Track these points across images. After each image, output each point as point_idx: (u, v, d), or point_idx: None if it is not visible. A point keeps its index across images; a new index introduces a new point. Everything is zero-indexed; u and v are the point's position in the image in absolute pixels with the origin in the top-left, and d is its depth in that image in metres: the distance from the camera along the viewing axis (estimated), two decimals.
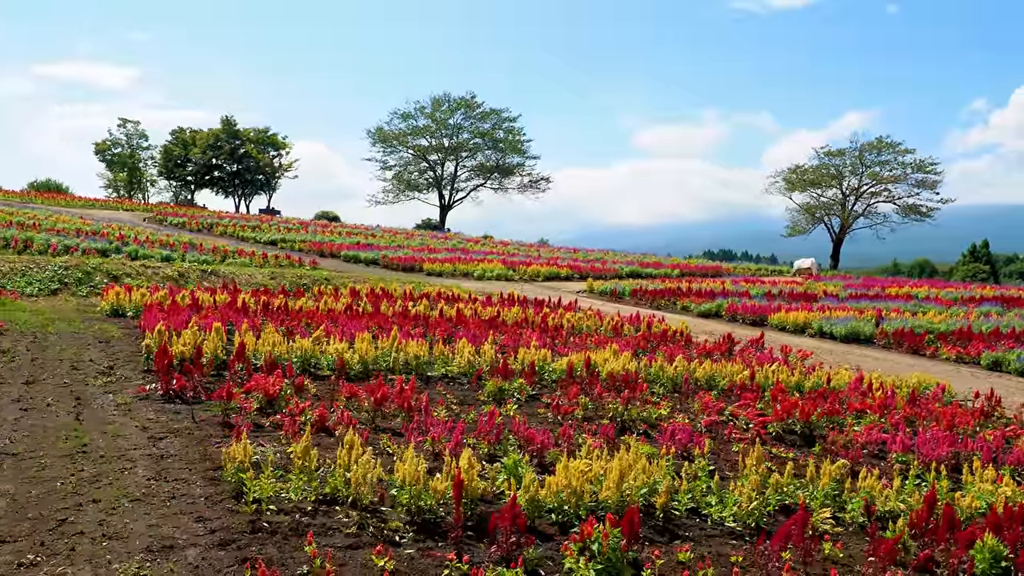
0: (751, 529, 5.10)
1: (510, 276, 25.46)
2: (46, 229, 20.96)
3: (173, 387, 7.34)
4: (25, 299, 13.25)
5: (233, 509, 4.72)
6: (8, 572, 3.80)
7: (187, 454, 5.72)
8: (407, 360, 9.07)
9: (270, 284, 17.07)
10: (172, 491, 4.98)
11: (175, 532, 4.37)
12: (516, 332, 11.81)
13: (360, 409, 7.00)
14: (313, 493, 4.91)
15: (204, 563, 4.02)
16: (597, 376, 8.96)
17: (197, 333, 8.97)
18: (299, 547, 4.25)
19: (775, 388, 8.61)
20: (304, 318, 11.62)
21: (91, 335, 10.33)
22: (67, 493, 4.82)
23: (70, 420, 6.39)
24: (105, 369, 8.36)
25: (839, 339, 16.27)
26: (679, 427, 6.51)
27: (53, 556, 4.00)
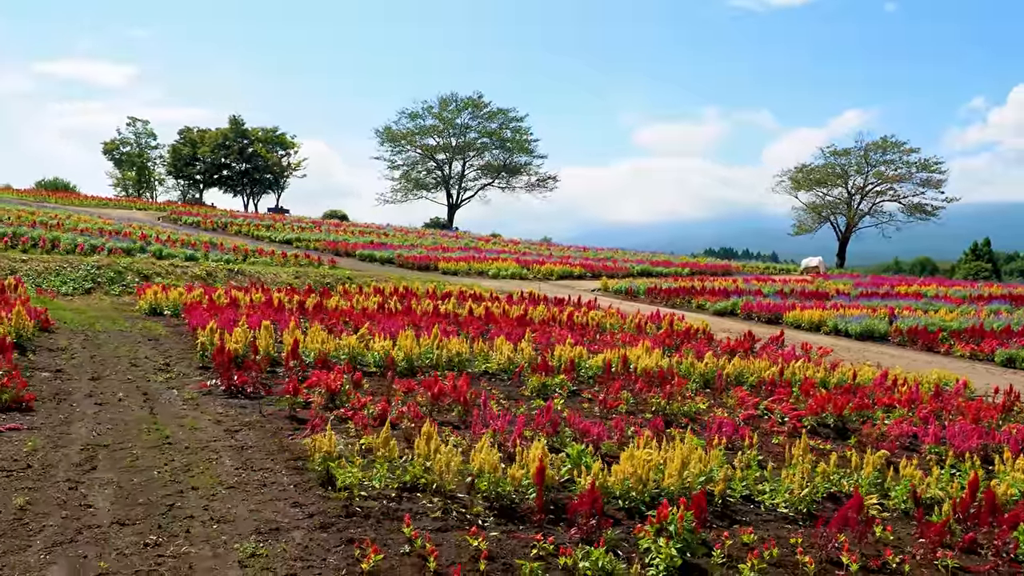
0: (803, 515, 5.42)
1: (524, 275, 25.79)
2: (69, 229, 21.28)
3: (234, 383, 7.67)
4: (61, 298, 13.58)
5: (324, 496, 5.05)
6: (136, 551, 4.13)
7: (265, 445, 6.04)
8: (449, 357, 9.40)
9: (295, 283, 17.39)
10: (262, 479, 5.31)
11: (276, 516, 4.70)
12: (545, 330, 12.12)
13: (416, 403, 7.32)
14: (396, 481, 5.24)
15: (312, 543, 4.35)
16: (632, 372, 9.30)
17: (247, 331, 9.29)
18: (394, 529, 4.58)
19: (806, 384, 8.94)
20: (340, 316, 11.95)
21: (138, 333, 10.66)
22: (166, 481, 5.15)
23: (145, 414, 6.71)
24: (162, 366, 8.69)
25: (854, 337, 16.59)
26: (724, 420, 6.85)
27: (172, 537, 4.33)
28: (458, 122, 59.52)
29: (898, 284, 27.27)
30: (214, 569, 4.00)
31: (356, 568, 4.04)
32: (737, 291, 22.15)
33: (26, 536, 4.19)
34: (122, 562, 3.99)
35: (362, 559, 4.06)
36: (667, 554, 4.22)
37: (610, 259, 32.18)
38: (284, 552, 4.23)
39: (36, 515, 4.46)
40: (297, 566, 4.08)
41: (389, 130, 59.71)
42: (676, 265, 31.37)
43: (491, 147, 60.47)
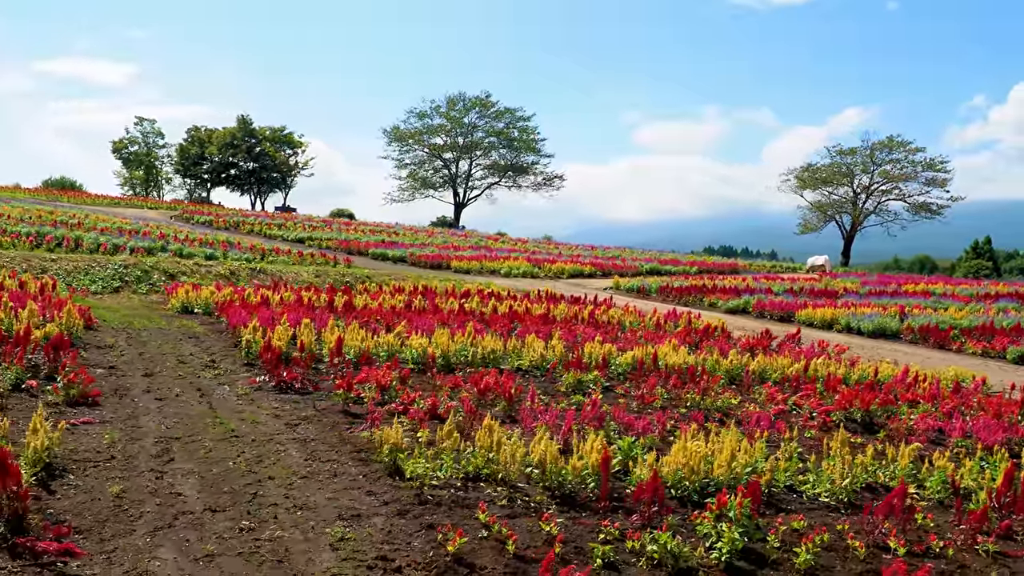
0: (844, 504, 5.71)
1: (536, 273, 26.06)
2: (90, 228, 21.54)
3: (284, 379, 7.95)
4: (92, 297, 13.83)
5: (394, 485, 5.33)
6: (233, 535, 4.41)
7: (326, 438, 6.32)
8: (483, 354, 9.67)
9: (315, 282, 17.65)
10: (331, 470, 5.59)
11: (353, 503, 4.99)
12: (569, 328, 12.39)
13: (468, 398, 7.60)
14: (460, 471, 5.51)
15: (394, 528, 4.64)
16: (661, 369, 9.57)
17: (288, 329, 9.57)
18: (468, 516, 4.86)
19: (833, 380, 9.22)
20: (371, 315, 12.22)
21: (176, 331, 10.93)
22: (243, 472, 5.43)
23: (205, 409, 6.99)
24: (208, 363, 8.97)
25: (866, 334, 16.86)
26: (762, 415, 7.13)
27: (263, 523, 4.61)
28: (465, 121, 59.91)
29: (905, 282, 27.56)
30: (308, 552, 4.28)
31: (441, 550, 4.32)
32: (748, 289, 22.44)
33: (128, 521, 4.47)
34: (223, 545, 4.27)
35: (446, 542, 4.34)
36: (730, 538, 4.50)
37: (618, 258, 32.47)
38: (370, 536, 4.51)
39: (132, 502, 4.73)
40: (385, 549, 4.36)
41: (397, 129, 60.10)
42: (684, 264, 31.66)
43: (498, 146, 60.84)
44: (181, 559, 4.06)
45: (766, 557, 4.64)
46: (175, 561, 4.03)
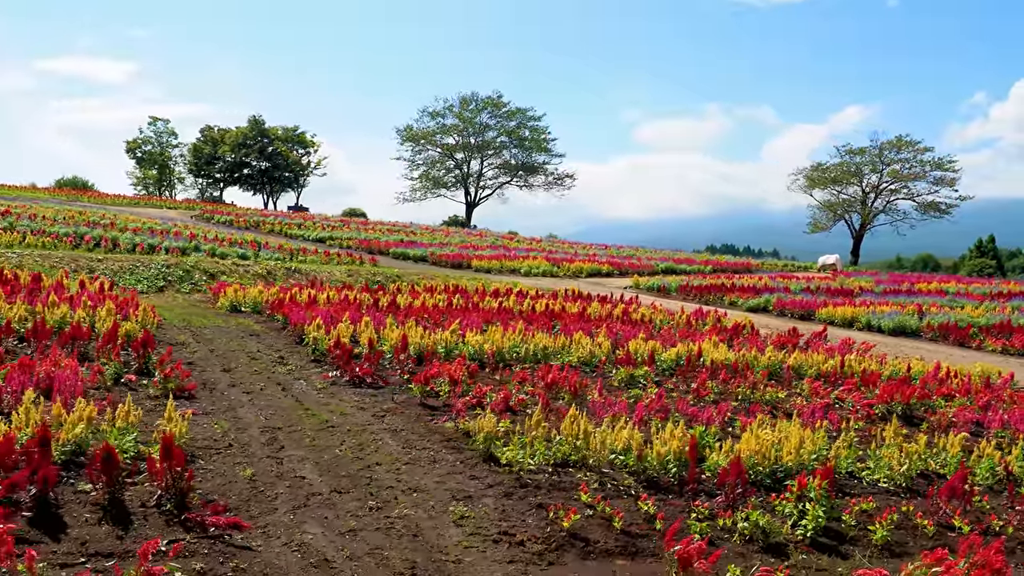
0: (901, 488, 6.15)
1: (555, 272, 26.50)
2: (121, 228, 21.98)
3: (356, 374, 8.39)
4: (139, 296, 14.29)
5: (492, 470, 5.78)
6: (365, 514, 4.85)
7: (414, 428, 6.77)
8: (535, 350, 10.12)
9: (348, 281, 18.10)
10: (429, 457, 6.04)
11: (461, 486, 5.43)
12: (607, 325, 12.83)
13: (541, 391, 8.04)
14: (549, 458, 5.96)
15: (507, 507, 5.09)
16: (706, 364, 10.02)
17: (349, 327, 10.02)
18: (568, 497, 5.30)
19: (872, 376, 9.68)
20: (416, 313, 12.65)
21: (234, 328, 11.38)
22: (351, 458, 5.88)
23: (292, 402, 7.44)
24: (277, 359, 9.42)
25: (887, 332, 17.30)
26: (815, 407, 7.58)
27: (387, 503, 5.05)
28: (477, 121, 60.42)
29: (917, 281, 28.00)
30: (436, 528, 4.73)
31: (557, 526, 4.77)
32: (766, 288, 22.88)
33: (267, 501, 4.92)
34: (360, 522, 4.72)
35: (561, 519, 4.79)
36: (814, 515, 4.95)
37: (633, 257, 32.91)
38: (487, 515, 4.96)
39: (265, 484, 5.18)
40: (504, 525, 4.81)
41: (410, 129, 60.63)
42: (698, 263, 32.10)
43: (509, 146, 61.41)
44: (328, 533, 4.50)
45: (844, 534, 5.09)
46: (323, 535, 4.48)
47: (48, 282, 11.85)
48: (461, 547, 4.49)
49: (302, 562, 4.12)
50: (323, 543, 4.37)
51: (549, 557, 4.46)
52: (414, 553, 4.35)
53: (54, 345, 7.73)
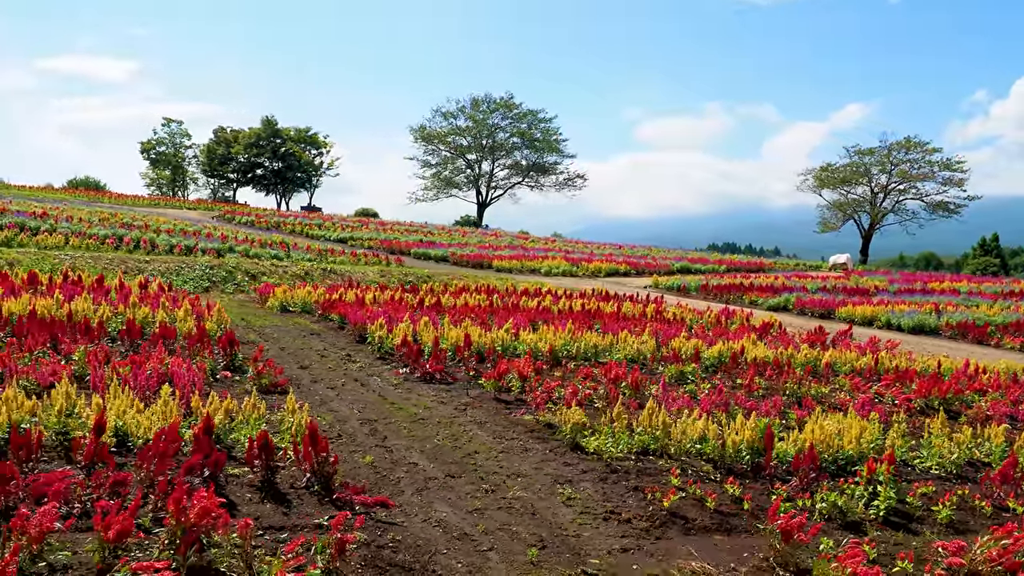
0: (952, 475, 6.67)
1: (574, 272, 27.03)
2: (155, 230, 22.50)
3: (427, 371, 8.92)
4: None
5: (581, 457, 6.31)
6: (482, 496, 5.37)
7: (496, 420, 7.30)
8: (586, 348, 10.65)
9: (381, 281, 18.63)
10: (519, 446, 6.56)
11: (558, 471, 5.96)
12: (644, 324, 13.36)
13: (611, 385, 8.57)
14: (633, 446, 6.49)
15: (606, 490, 5.61)
16: (749, 361, 10.54)
17: (409, 326, 10.55)
18: (656, 481, 5.83)
19: (909, 372, 10.20)
20: (460, 313, 13.18)
21: (292, 327, 11.91)
22: (450, 447, 6.40)
23: (375, 396, 7.96)
24: (344, 356, 9.95)
25: (907, 331, 17.83)
26: (864, 400, 8.11)
27: (497, 487, 5.58)
28: (489, 122, 61.07)
29: (929, 280, 28.52)
30: (549, 508, 5.25)
31: (658, 505, 5.29)
32: (784, 288, 23.40)
33: (393, 484, 5.44)
34: (481, 502, 5.24)
35: (660, 500, 5.32)
36: (886, 496, 5.48)
37: (649, 256, 33.44)
38: (590, 496, 5.49)
39: (385, 469, 5.71)
40: (609, 505, 5.34)
41: (423, 129, 61.26)
42: (712, 263, 32.63)
43: (521, 147, 62.09)
44: (457, 512, 5.03)
45: (910, 514, 5.62)
46: (453, 513, 5.00)
47: (111, 283, 12.37)
48: (576, 524, 5.01)
49: (445, 536, 4.65)
50: (456, 520, 4.90)
51: (655, 533, 4.98)
52: (538, 528, 4.88)
53: (155, 344, 8.25)
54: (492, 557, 4.43)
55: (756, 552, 4.78)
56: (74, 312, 8.83)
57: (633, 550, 4.71)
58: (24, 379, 6.39)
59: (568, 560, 4.49)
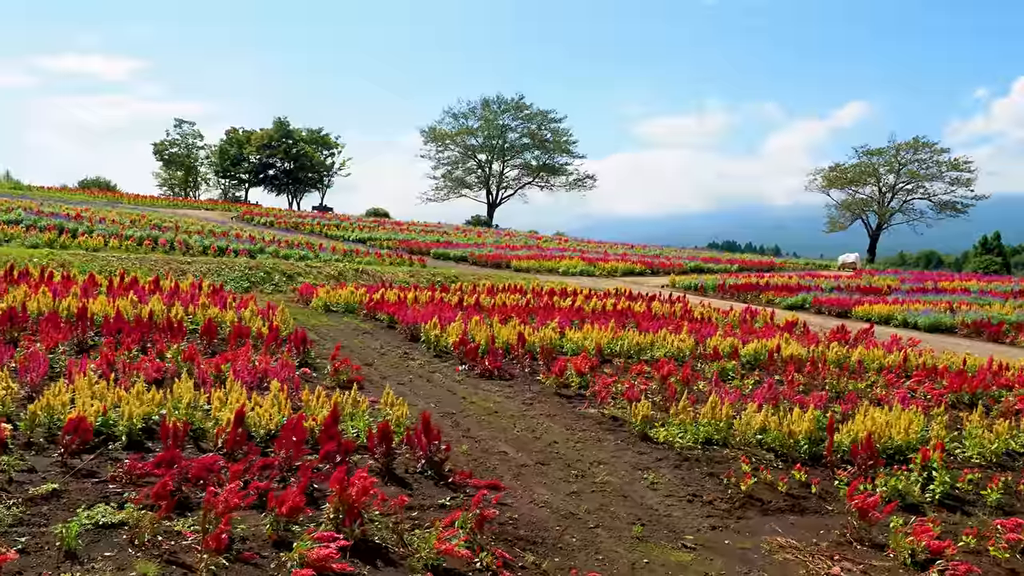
0: (991, 464, 7.19)
1: (592, 272, 27.52)
2: (185, 231, 23.01)
3: (486, 367, 9.43)
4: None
5: (652, 447, 6.82)
6: (574, 479, 5.89)
7: (563, 413, 7.81)
8: (628, 346, 11.17)
9: (411, 281, 19.13)
10: (592, 436, 7.08)
11: (635, 459, 6.47)
12: (677, 323, 13.86)
13: (668, 381, 9.08)
14: (698, 437, 7.00)
15: (683, 474, 6.13)
16: (784, 358, 11.05)
17: (461, 325, 11.06)
18: (725, 468, 6.33)
19: (940, 368, 10.73)
20: (500, 313, 13.68)
21: (343, 326, 12.41)
22: (531, 437, 6.91)
23: (445, 392, 8.47)
24: (403, 354, 10.45)
25: (923, 329, 18.33)
26: (902, 395, 8.63)
27: (584, 473, 6.09)
28: (499, 123, 61.75)
29: (939, 280, 29.04)
30: (636, 491, 5.77)
31: (736, 489, 5.81)
32: (799, 287, 23.91)
33: (490, 469, 5.95)
34: (575, 486, 5.76)
35: (738, 484, 5.83)
36: (941, 480, 6.00)
37: (662, 256, 33.97)
38: (671, 481, 6.01)
39: (479, 457, 6.21)
40: (689, 489, 5.85)
41: (434, 130, 61.95)
42: (724, 262, 33.16)
43: (531, 147, 62.77)
44: (555, 494, 5.54)
45: (962, 498, 6.14)
46: (553, 496, 5.52)
47: (166, 284, 12.87)
48: (664, 505, 5.53)
49: (553, 515, 5.16)
50: (558, 501, 5.41)
51: (736, 513, 5.50)
52: (632, 509, 5.39)
53: (230, 342, 8.76)
54: (600, 533, 4.94)
55: (831, 530, 5.30)
56: (154, 313, 9.34)
57: (720, 528, 5.23)
58: (132, 375, 6.89)
59: (667, 536, 5.01)
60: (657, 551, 4.74)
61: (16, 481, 4.70)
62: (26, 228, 18.82)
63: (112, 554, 3.90)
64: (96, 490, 4.70)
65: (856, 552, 4.96)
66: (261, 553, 4.05)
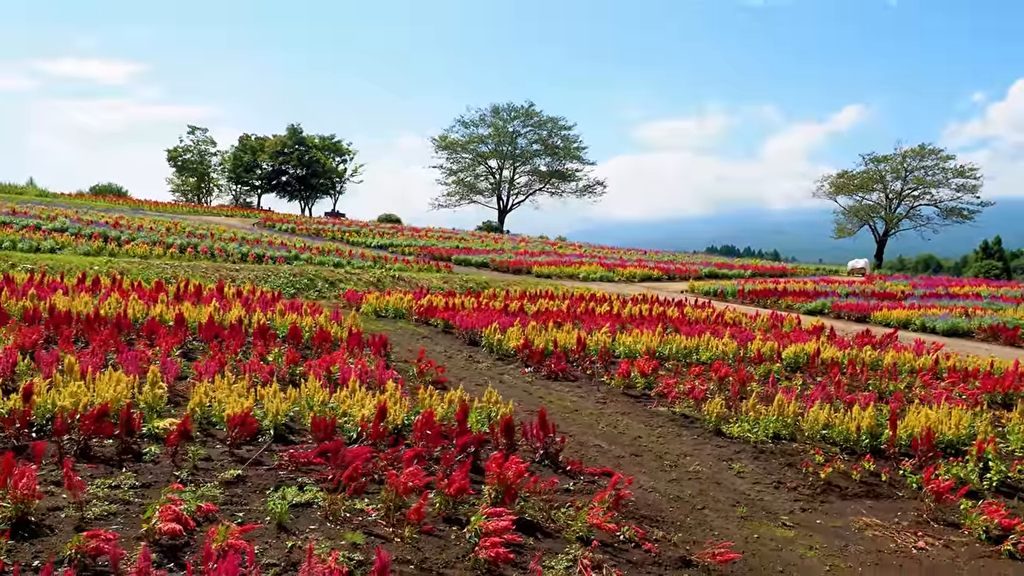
0: None
1: (611, 277, 28.20)
2: (218, 238, 23.64)
3: (552, 369, 10.08)
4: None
5: (728, 441, 7.47)
6: (667, 469, 6.54)
7: (637, 411, 8.46)
8: (677, 350, 11.83)
9: (444, 287, 19.77)
10: (670, 432, 7.73)
11: (716, 452, 7.13)
12: (708, 327, 14.53)
13: (736, 381, 9.73)
14: (767, 432, 7.66)
15: (762, 463, 6.79)
16: (823, 361, 11.72)
17: (520, 331, 11.71)
18: (799, 459, 6.99)
19: (973, 370, 11.40)
20: (544, 318, 14.34)
21: (401, 331, 13.06)
22: (615, 433, 7.56)
23: (522, 392, 9.11)
24: (467, 357, 11.10)
25: (940, 333, 18.99)
26: (944, 394, 9.30)
27: (675, 464, 6.74)
28: (510, 130, 62.75)
29: (950, 285, 29.76)
30: (726, 479, 6.42)
31: (816, 477, 6.47)
32: (816, 292, 24.60)
33: (592, 460, 6.60)
34: (672, 474, 6.41)
35: (816, 472, 6.49)
36: (997, 469, 6.67)
37: (676, 262, 34.68)
38: (754, 470, 6.67)
39: (580, 449, 6.86)
40: (773, 478, 6.51)
41: (445, 138, 62.92)
42: (737, 268, 33.87)
43: (542, 154, 63.78)
44: (657, 481, 6.20)
45: (1015, 485, 6.81)
46: (656, 483, 6.17)
47: (229, 291, 13.51)
48: (755, 490, 6.19)
49: (663, 498, 5.82)
50: (662, 487, 6.07)
51: (820, 498, 6.16)
52: (728, 494, 6.05)
53: (315, 346, 9.41)
54: (709, 514, 5.60)
55: (906, 512, 5.96)
56: (242, 319, 9.98)
57: (809, 510, 5.89)
58: (252, 376, 7.53)
59: (766, 516, 5.67)
60: (763, 528, 5.40)
61: (201, 468, 5.35)
62: (73, 236, 19.45)
63: (315, 527, 4.55)
64: (270, 476, 5.35)
65: (933, 530, 5.62)
66: (437, 527, 4.70)
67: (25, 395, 5.40)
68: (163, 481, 5.04)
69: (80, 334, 8.72)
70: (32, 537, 4.08)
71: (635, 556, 4.66)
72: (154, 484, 4.99)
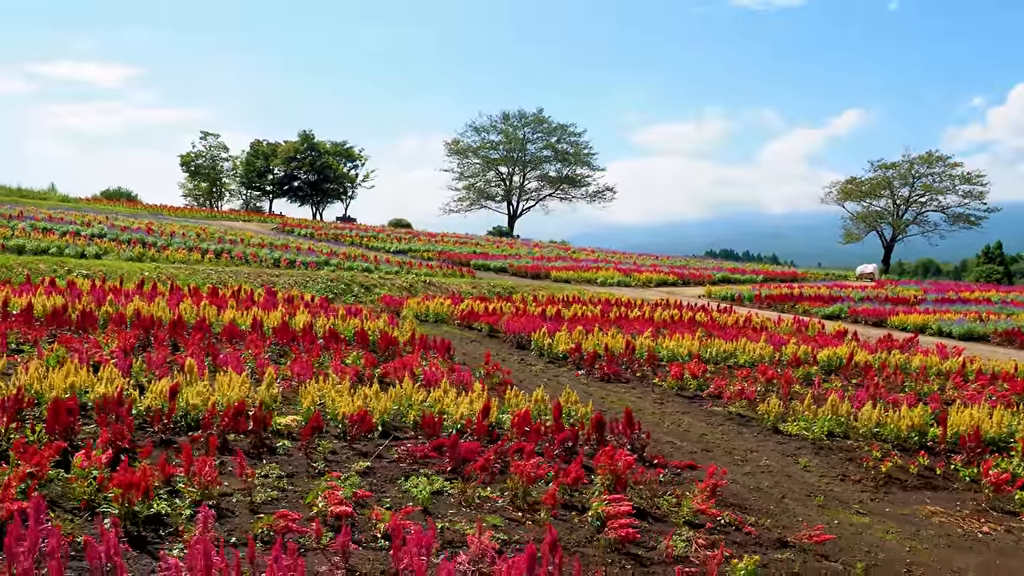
0: None
1: (628, 282, 28.74)
2: (247, 244, 24.16)
3: (604, 371, 10.63)
4: None
5: (787, 438, 8.02)
6: (740, 464, 7.08)
7: (695, 411, 9.01)
8: (717, 353, 12.37)
9: (473, 292, 20.32)
10: (731, 430, 8.27)
11: (778, 448, 7.67)
12: (742, 332, 15.09)
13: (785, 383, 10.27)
14: (821, 430, 8.20)
15: (823, 458, 7.34)
16: (858, 364, 12.27)
17: (567, 335, 12.26)
18: (856, 455, 7.53)
19: (1003, 373, 11.97)
20: (581, 322, 14.88)
21: (447, 335, 13.59)
22: (682, 430, 8.10)
23: (581, 394, 9.58)
24: (519, 360, 11.65)
25: (956, 337, 19.54)
26: (978, 394, 9.86)
27: (745, 459, 7.28)
28: (520, 136, 63.56)
29: (961, 290, 30.35)
30: (795, 472, 6.96)
31: (877, 470, 7.01)
32: (832, 297, 25.17)
33: (669, 455, 7.14)
34: (745, 468, 6.95)
35: (876, 466, 7.04)
36: None
37: (689, 267, 35.24)
38: (818, 465, 7.21)
39: (657, 445, 7.41)
40: (837, 471, 7.06)
41: (457, 143, 63.73)
42: (749, 273, 34.45)
43: (552, 160, 64.72)
44: (734, 474, 6.73)
45: None
46: (733, 475, 6.70)
47: (280, 296, 14.04)
48: (823, 483, 6.74)
49: (744, 489, 6.36)
50: (740, 479, 6.61)
51: (883, 489, 6.71)
52: (800, 486, 6.59)
53: (382, 349, 9.95)
54: (788, 502, 6.14)
55: (965, 501, 6.51)
56: (311, 324, 10.52)
57: (876, 500, 6.44)
58: (344, 377, 8.06)
59: (839, 504, 6.21)
60: (840, 515, 5.95)
61: (330, 460, 5.88)
62: (113, 241, 19.98)
63: (454, 511, 5.09)
64: (393, 467, 5.88)
65: (993, 517, 6.17)
66: (559, 512, 5.24)
67: (171, 394, 5.93)
68: (302, 471, 5.58)
69: (168, 338, 9.25)
70: (219, 518, 4.61)
71: (737, 538, 5.20)
72: (296, 474, 5.52)
